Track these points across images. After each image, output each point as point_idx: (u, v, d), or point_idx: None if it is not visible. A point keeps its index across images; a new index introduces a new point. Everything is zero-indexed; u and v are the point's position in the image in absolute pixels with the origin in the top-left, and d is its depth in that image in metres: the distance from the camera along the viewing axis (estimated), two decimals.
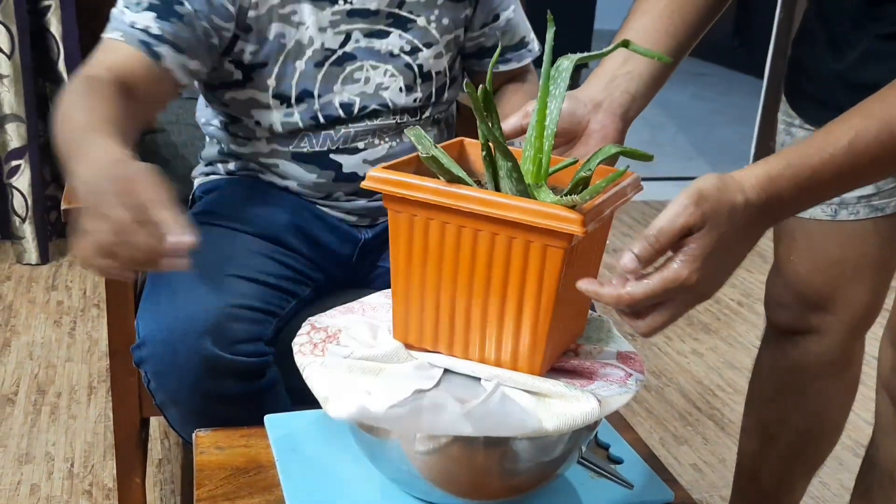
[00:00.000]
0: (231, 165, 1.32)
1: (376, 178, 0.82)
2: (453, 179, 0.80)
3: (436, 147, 0.84)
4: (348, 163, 1.27)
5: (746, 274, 2.73)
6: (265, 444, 0.96)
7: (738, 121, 4.46)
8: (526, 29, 1.37)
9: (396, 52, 1.24)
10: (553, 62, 0.85)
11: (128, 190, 0.79)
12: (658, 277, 0.75)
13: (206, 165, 1.37)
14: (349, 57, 1.21)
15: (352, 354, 0.84)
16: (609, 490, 0.94)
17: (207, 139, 1.36)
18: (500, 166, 0.82)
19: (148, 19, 1.10)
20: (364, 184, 0.82)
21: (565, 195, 0.80)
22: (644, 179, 0.93)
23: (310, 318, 0.92)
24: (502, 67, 1.37)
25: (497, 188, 0.84)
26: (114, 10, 1.14)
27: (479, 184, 0.88)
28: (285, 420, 1.00)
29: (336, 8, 1.19)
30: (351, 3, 1.19)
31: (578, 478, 0.96)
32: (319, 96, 1.21)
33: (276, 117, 1.22)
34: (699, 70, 6.09)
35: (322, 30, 1.20)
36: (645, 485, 0.95)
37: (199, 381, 1.08)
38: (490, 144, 0.80)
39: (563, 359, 0.89)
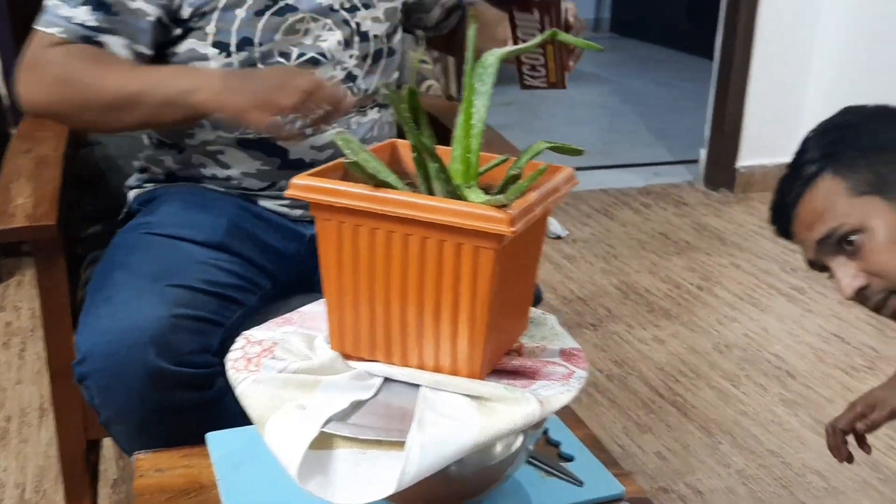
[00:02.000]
0: (170, 161, 1.29)
1: (300, 185, 0.80)
2: (380, 184, 0.78)
3: (364, 150, 0.82)
4: (294, 149, 1.26)
5: (705, 258, 2.74)
6: (207, 464, 0.94)
7: (697, 104, 4.46)
8: None
9: (336, 6, 1.26)
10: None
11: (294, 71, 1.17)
12: None
13: (141, 173, 1.34)
14: (290, 8, 1.22)
15: (287, 368, 0.82)
16: (559, 489, 0.93)
17: (147, 137, 1.33)
18: (429, 167, 0.80)
19: (84, 13, 1.14)
20: (288, 192, 0.80)
21: (496, 194, 0.78)
22: (603, 168, 0.93)
23: (244, 332, 0.90)
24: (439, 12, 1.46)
25: (430, 190, 0.82)
26: (47, 3, 1.16)
27: (413, 186, 0.86)
28: (227, 437, 0.97)
29: None
30: None
31: (528, 478, 0.94)
32: (260, 44, 1.21)
33: (216, 67, 1.21)
34: (656, 56, 6.10)
35: None
36: (595, 481, 0.94)
37: (145, 394, 1.05)
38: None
39: (506, 359, 0.88)
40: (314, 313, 0.94)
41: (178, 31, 1.21)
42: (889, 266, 0.97)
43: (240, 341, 0.88)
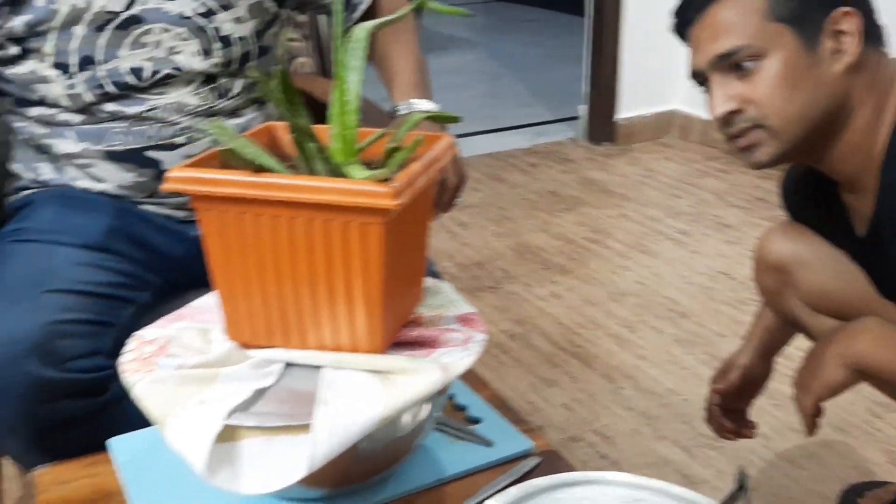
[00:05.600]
0: (43, 170, 1.23)
1: (178, 178, 0.78)
2: (259, 169, 0.77)
3: (239, 137, 0.80)
4: (168, 159, 1.20)
5: (594, 211, 2.81)
6: (112, 470, 0.91)
7: (571, 61, 4.54)
8: None
9: (189, 13, 1.17)
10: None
11: None
12: None
13: (16, 180, 1.28)
14: (135, 20, 1.13)
15: (183, 364, 0.81)
16: (469, 451, 0.95)
17: (18, 147, 1.26)
18: (307, 148, 0.79)
19: None
20: (164, 186, 0.78)
21: (378, 169, 0.78)
22: (488, 132, 0.94)
23: (136, 332, 0.88)
24: (353, 14, 1.30)
25: (311, 171, 0.82)
26: None
27: (294, 168, 0.85)
28: (130, 441, 0.95)
29: None
30: None
31: (438, 444, 0.96)
32: (105, 62, 1.13)
33: (59, 90, 1.14)
34: (527, 17, 6.18)
35: None
36: (504, 439, 0.96)
37: (31, 407, 1.01)
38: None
39: (405, 331, 0.88)
40: (206, 306, 0.93)
41: (15, 51, 1.12)
42: (770, 100, 0.97)
43: (132, 342, 0.86)
